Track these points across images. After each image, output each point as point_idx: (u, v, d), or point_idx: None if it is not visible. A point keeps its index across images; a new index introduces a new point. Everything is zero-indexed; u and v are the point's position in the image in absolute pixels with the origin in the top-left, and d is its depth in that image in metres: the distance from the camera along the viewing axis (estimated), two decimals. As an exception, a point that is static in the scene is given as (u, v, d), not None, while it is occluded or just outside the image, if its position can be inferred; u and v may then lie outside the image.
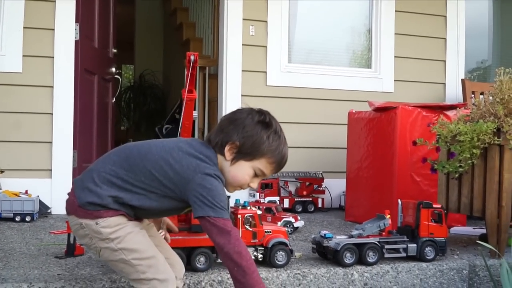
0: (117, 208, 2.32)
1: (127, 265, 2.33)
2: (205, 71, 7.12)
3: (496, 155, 3.34)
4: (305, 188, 5.44)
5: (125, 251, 2.31)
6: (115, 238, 2.31)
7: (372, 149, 4.72)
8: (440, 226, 3.27)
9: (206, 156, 2.36)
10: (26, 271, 2.80)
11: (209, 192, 2.26)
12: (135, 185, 2.32)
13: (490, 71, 7.03)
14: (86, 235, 2.35)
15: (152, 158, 2.35)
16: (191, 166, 2.30)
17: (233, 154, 2.40)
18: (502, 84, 3.43)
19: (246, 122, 2.40)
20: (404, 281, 3.16)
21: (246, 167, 2.42)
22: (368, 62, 6.22)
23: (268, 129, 2.41)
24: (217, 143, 2.41)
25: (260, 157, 2.40)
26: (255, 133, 2.39)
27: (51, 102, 5.05)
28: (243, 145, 2.38)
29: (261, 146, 2.39)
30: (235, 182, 2.44)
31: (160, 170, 2.31)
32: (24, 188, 4.69)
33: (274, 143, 2.42)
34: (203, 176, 2.28)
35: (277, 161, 2.45)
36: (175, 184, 2.31)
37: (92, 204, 2.30)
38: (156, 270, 2.32)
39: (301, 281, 2.97)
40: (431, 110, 4.48)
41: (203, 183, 2.27)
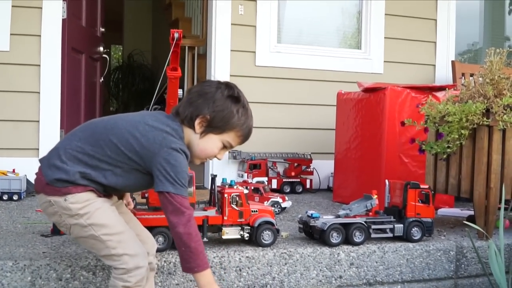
0: (86, 184, 2.33)
1: (97, 241, 2.33)
2: (194, 51, 7.09)
3: (485, 136, 3.33)
4: (293, 169, 5.43)
5: (95, 226, 2.32)
6: (84, 214, 2.32)
7: (361, 130, 4.71)
8: (427, 207, 3.27)
9: (173, 129, 2.39)
10: (12, 249, 2.79)
11: (173, 168, 2.29)
12: (101, 160, 2.34)
13: (481, 53, 7.02)
14: (56, 213, 2.36)
15: (118, 132, 2.36)
16: (157, 139, 2.33)
17: (203, 128, 2.44)
18: (492, 64, 3.42)
19: (216, 96, 2.44)
20: (390, 261, 3.17)
21: (215, 140, 2.47)
22: (358, 43, 6.19)
23: (237, 104, 2.48)
24: (186, 116, 2.43)
25: (229, 130, 2.47)
26: (226, 108, 2.44)
27: (38, 81, 5.02)
28: (214, 119, 2.43)
29: (231, 120, 2.45)
30: (203, 154, 2.50)
31: (126, 144, 2.34)
32: (12, 167, 4.66)
33: (243, 117, 2.49)
34: (169, 150, 2.32)
35: (244, 134, 2.52)
36: (141, 157, 2.34)
37: (59, 180, 2.31)
38: (126, 245, 2.33)
39: (287, 261, 2.96)
40: (420, 91, 4.47)
41: (168, 158, 2.30)
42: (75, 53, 5.57)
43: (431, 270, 3.25)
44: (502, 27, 7.29)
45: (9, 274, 2.53)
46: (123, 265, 2.30)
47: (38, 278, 2.57)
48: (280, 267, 2.95)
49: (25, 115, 5.00)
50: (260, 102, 5.61)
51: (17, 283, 2.54)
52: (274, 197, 4.14)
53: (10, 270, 2.54)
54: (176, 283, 2.77)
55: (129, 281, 2.30)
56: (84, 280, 2.62)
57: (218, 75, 5.50)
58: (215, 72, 5.51)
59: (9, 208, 4.04)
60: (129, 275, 2.30)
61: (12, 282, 2.54)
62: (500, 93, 3.33)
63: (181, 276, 2.74)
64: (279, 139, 5.71)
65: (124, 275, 2.30)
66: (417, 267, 3.23)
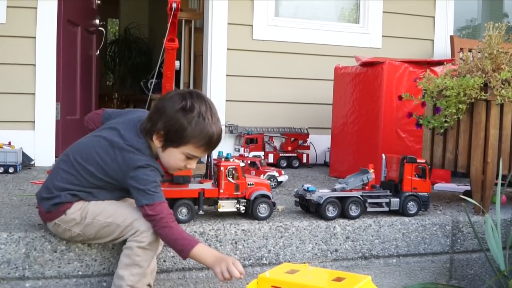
0: (77, 199, 2.50)
1: (107, 227, 2.48)
2: (191, 25, 7.04)
3: (483, 111, 3.31)
4: (290, 144, 5.43)
5: (98, 216, 2.48)
6: (85, 214, 2.49)
7: (358, 105, 4.69)
8: (423, 181, 3.26)
9: (137, 149, 2.47)
10: (7, 220, 2.79)
11: (142, 182, 2.40)
12: (86, 186, 2.50)
13: (479, 30, 6.98)
14: (65, 230, 2.52)
15: (92, 160, 2.48)
16: (125, 162, 2.44)
17: (162, 142, 2.48)
18: (491, 39, 3.39)
19: (168, 110, 2.45)
20: (386, 235, 3.17)
21: (175, 153, 2.49)
22: (356, 17, 6.15)
23: (189, 115, 2.43)
24: (147, 132, 2.49)
25: (185, 143, 2.46)
26: (176, 122, 2.43)
27: (34, 53, 4.97)
28: (168, 134, 2.45)
29: (184, 133, 2.44)
30: (170, 166, 2.57)
31: (102, 171, 2.47)
32: (7, 139, 4.65)
33: (197, 127, 2.43)
34: (135, 170, 2.41)
35: (204, 144, 2.49)
36: (117, 180, 2.48)
37: (55, 205, 2.48)
38: (130, 214, 2.48)
39: (283, 234, 2.96)
40: (418, 66, 4.45)
41: (136, 176, 2.41)
42: (71, 26, 5.53)
43: (426, 244, 3.26)
44: (501, 3, 7.25)
45: (3, 246, 2.53)
46: (135, 229, 2.43)
47: (33, 250, 2.56)
48: (276, 240, 2.95)
49: (21, 87, 4.96)
50: (257, 76, 5.61)
51: (11, 255, 2.54)
52: (271, 171, 4.13)
53: (4, 242, 2.53)
54: (172, 255, 2.77)
55: (143, 241, 2.41)
56: (79, 251, 2.62)
57: (215, 49, 5.48)
58: (212, 46, 5.48)
59: (4, 181, 4.03)
60: (143, 236, 2.42)
61: (6, 254, 2.53)
62: (498, 68, 3.31)
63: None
64: (276, 114, 5.69)
65: (138, 236, 2.42)
66: (413, 241, 3.23)
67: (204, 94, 2.59)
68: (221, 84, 5.50)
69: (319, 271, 2.47)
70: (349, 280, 2.19)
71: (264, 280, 2.20)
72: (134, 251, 2.41)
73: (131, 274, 2.41)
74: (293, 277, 2.20)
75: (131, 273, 2.41)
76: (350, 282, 2.16)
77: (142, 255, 2.42)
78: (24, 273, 2.56)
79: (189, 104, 2.43)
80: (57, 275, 2.60)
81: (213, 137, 2.49)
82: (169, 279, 2.75)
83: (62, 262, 2.60)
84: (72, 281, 2.63)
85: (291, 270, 2.27)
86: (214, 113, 2.51)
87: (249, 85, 5.60)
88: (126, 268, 2.42)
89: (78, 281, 2.64)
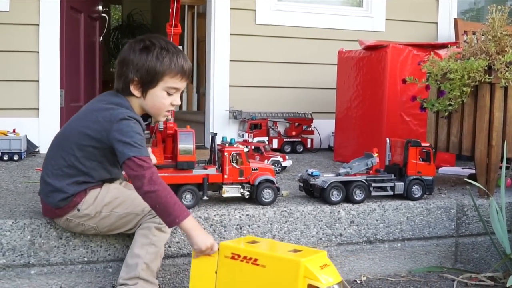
0: (83, 188, 2.49)
1: (125, 217, 2.51)
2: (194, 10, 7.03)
3: (487, 94, 3.30)
4: (294, 129, 5.42)
5: (116, 208, 2.50)
6: (101, 208, 2.50)
7: (362, 89, 4.68)
8: (428, 165, 3.25)
9: (117, 103, 2.50)
10: (12, 207, 2.80)
11: (126, 134, 2.38)
12: (77, 165, 2.47)
13: (483, 12, 6.94)
14: (78, 224, 2.54)
15: (75, 133, 2.49)
16: (106, 118, 2.43)
17: (140, 89, 2.50)
18: (495, 21, 3.37)
19: (131, 56, 2.49)
20: (390, 219, 3.17)
21: (157, 93, 2.51)
22: (359, 1, 6.12)
23: (152, 51, 2.48)
24: (122, 89, 2.52)
25: (161, 78, 2.49)
26: (144, 61, 2.47)
27: (37, 40, 4.98)
28: (142, 77, 2.48)
29: (156, 69, 2.47)
30: (158, 110, 2.56)
31: (85, 137, 2.46)
32: (12, 127, 4.67)
33: (166, 59, 2.49)
34: (118, 122, 2.40)
35: (179, 72, 2.52)
36: (101, 140, 2.44)
37: (62, 200, 2.47)
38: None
39: (288, 218, 2.96)
40: (422, 49, 4.43)
41: (119, 128, 2.39)
42: (74, 12, 5.53)
43: (431, 228, 3.26)
44: (505, -15, 7.21)
45: (9, 233, 2.53)
46: (154, 213, 2.43)
47: (38, 236, 2.57)
48: (281, 225, 2.95)
49: (24, 74, 4.97)
50: (260, 61, 5.59)
51: (16, 242, 2.55)
52: (275, 156, 4.13)
53: (9, 229, 2.54)
54: (177, 241, 2.77)
55: (162, 223, 2.42)
56: (85, 238, 2.63)
57: (218, 34, 5.46)
58: (215, 31, 5.46)
59: (9, 168, 4.04)
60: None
61: (11, 241, 2.54)
62: (502, 50, 3.29)
63: (182, 234, 2.74)
64: (279, 99, 5.68)
65: (157, 218, 2.43)
66: (418, 225, 3.23)
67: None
68: (224, 70, 5.48)
69: (279, 244, 2.59)
70: (305, 252, 2.32)
71: (225, 247, 2.38)
72: (152, 231, 2.45)
73: (147, 253, 2.44)
74: (252, 246, 2.38)
75: (147, 252, 2.44)
76: (305, 253, 2.29)
77: (158, 236, 2.46)
78: (29, 260, 2.57)
79: (148, 43, 2.50)
80: (63, 262, 2.61)
81: (184, 64, 2.54)
82: (174, 264, 2.76)
83: (67, 249, 2.61)
84: (77, 267, 2.64)
85: (253, 241, 2.45)
86: (174, 45, 2.57)
87: (253, 70, 5.59)
88: (142, 247, 2.45)
89: (84, 267, 2.65)
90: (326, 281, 2.19)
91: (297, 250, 2.32)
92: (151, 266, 2.46)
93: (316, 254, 2.30)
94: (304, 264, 2.19)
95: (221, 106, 5.46)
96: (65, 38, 5.17)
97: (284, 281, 2.23)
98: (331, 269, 2.28)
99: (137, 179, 2.33)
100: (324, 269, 2.24)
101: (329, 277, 2.23)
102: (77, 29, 5.70)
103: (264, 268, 2.28)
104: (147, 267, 2.44)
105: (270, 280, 2.27)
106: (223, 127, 5.38)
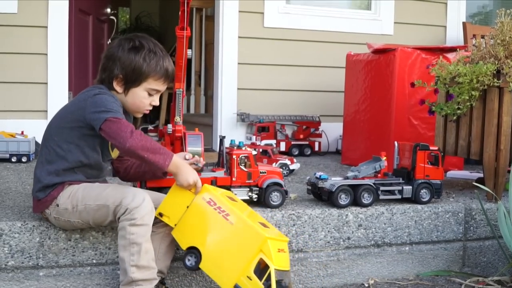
0: (60, 180, 2.51)
1: (99, 210, 2.48)
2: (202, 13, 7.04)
3: (495, 98, 3.30)
4: (302, 132, 5.42)
5: (88, 201, 2.49)
6: (76, 202, 2.49)
7: (370, 92, 4.68)
8: (436, 169, 3.25)
9: (94, 86, 2.62)
10: (21, 209, 2.81)
11: (101, 103, 2.44)
12: (55, 148, 2.51)
13: (492, 16, 6.92)
14: (65, 222, 2.56)
15: (54, 121, 2.60)
16: (81, 97, 2.54)
17: (123, 86, 2.58)
18: (503, 25, 3.37)
19: (120, 54, 2.58)
20: (398, 222, 3.17)
21: (139, 92, 2.61)
22: (368, 4, 6.11)
23: (140, 52, 2.57)
24: (104, 81, 2.60)
25: (145, 79, 2.58)
26: (131, 61, 2.56)
27: (46, 42, 4.98)
28: (126, 75, 2.57)
29: (141, 69, 2.56)
30: (137, 108, 2.66)
31: (63, 120, 2.55)
32: (20, 129, 4.67)
33: (152, 61, 2.58)
34: (93, 97, 2.48)
35: (163, 75, 2.62)
36: (78, 119, 2.49)
37: (40, 190, 2.52)
38: (118, 193, 2.45)
39: (296, 222, 2.97)
40: (430, 52, 4.43)
41: (94, 101, 2.46)
42: (82, 15, 5.54)
43: (439, 232, 3.26)
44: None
45: (17, 235, 2.55)
46: (124, 207, 2.40)
47: (47, 238, 2.58)
48: (289, 228, 2.96)
49: (33, 77, 4.98)
50: (268, 64, 5.59)
51: (25, 244, 2.56)
52: (283, 159, 4.13)
53: (18, 231, 2.55)
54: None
55: (134, 217, 2.38)
56: (94, 240, 2.64)
57: (226, 37, 5.46)
58: (223, 34, 5.46)
59: (18, 170, 4.06)
60: (133, 213, 2.38)
61: (20, 243, 2.55)
62: (511, 54, 3.29)
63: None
64: (287, 102, 5.67)
65: (128, 214, 2.39)
66: (426, 229, 3.23)
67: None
68: (232, 72, 5.49)
69: (252, 212, 2.61)
70: (271, 230, 2.47)
71: (206, 191, 2.51)
72: (128, 230, 2.38)
73: (131, 254, 2.38)
74: (229, 202, 2.49)
75: (130, 253, 2.38)
76: (271, 232, 2.43)
77: (136, 232, 2.38)
78: (38, 262, 2.58)
79: (137, 43, 2.58)
80: (71, 264, 2.62)
81: (168, 68, 2.63)
82: (183, 267, 2.75)
83: (76, 251, 2.62)
84: (86, 269, 2.65)
85: (231, 198, 2.58)
86: (161, 48, 2.65)
87: (261, 73, 5.59)
88: (124, 249, 2.39)
89: (92, 269, 2.66)
90: (277, 263, 2.33)
91: (266, 226, 2.45)
92: (140, 264, 2.39)
93: (280, 237, 2.46)
94: (267, 240, 2.32)
95: (229, 109, 5.46)
96: (73, 40, 5.18)
97: (241, 245, 2.38)
98: (285, 257, 2.42)
99: (117, 137, 2.36)
100: (280, 253, 2.37)
101: (281, 261, 2.37)
102: (86, 32, 5.72)
103: (231, 225, 2.41)
104: (137, 268, 2.39)
105: (229, 237, 2.41)
106: (231, 130, 5.38)
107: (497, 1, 7.08)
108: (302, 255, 3.01)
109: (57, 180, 2.50)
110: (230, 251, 2.40)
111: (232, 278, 2.38)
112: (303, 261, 3.01)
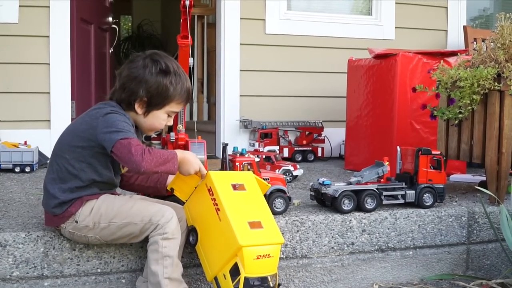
0: (76, 196, 2.49)
1: (125, 227, 2.50)
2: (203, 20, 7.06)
3: (496, 101, 3.30)
4: (304, 138, 5.43)
5: (114, 219, 2.50)
6: (99, 219, 2.50)
7: (372, 97, 4.68)
8: (438, 173, 3.26)
9: (105, 103, 2.56)
10: (25, 220, 2.81)
11: (112, 123, 2.41)
12: (67, 166, 2.49)
13: (492, 19, 6.92)
14: (81, 237, 2.55)
15: (67, 137, 2.56)
16: (93, 116, 2.49)
17: (144, 108, 2.55)
18: (503, 29, 3.38)
19: (147, 76, 2.53)
20: (402, 227, 3.17)
21: (160, 114, 2.60)
22: (369, 9, 6.13)
23: (168, 76, 2.55)
24: (123, 100, 2.54)
25: (169, 102, 2.57)
26: (159, 84, 2.53)
27: (48, 52, 5.00)
28: (151, 98, 2.54)
29: (168, 93, 2.55)
30: (154, 129, 2.66)
31: (75, 138, 2.50)
32: (23, 139, 4.68)
33: (178, 85, 2.57)
34: (103, 117, 2.44)
35: (184, 99, 2.63)
36: (90, 139, 2.46)
37: (56, 207, 2.49)
38: (147, 211, 2.48)
39: (299, 228, 2.97)
40: (431, 57, 4.44)
41: (105, 121, 2.43)
42: (84, 24, 5.56)
43: (443, 236, 3.26)
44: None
45: (22, 245, 2.55)
46: (155, 224, 2.45)
47: (51, 248, 2.59)
48: (292, 234, 2.96)
49: (35, 86, 4.99)
50: (270, 70, 5.61)
51: (30, 254, 2.56)
52: (286, 165, 4.13)
53: (22, 242, 2.55)
54: (189, 251, 2.78)
55: (166, 232, 2.45)
56: (98, 249, 2.65)
57: (228, 44, 5.48)
58: (225, 41, 5.48)
59: (21, 180, 4.06)
60: (164, 228, 2.44)
61: (24, 253, 2.56)
62: (511, 58, 3.29)
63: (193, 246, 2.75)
64: (290, 108, 5.68)
65: (160, 229, 2.44)
66: (429, 233, 3.23)
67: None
68: (234, 79, 5.50)
69: (256, 204, 2.57)
70: (263, 234, 2.42)
71: (209, 180, 2.49)
72: (160, 244, 2.44)
73: (164, 267, 2.44)
74: (230, 193, 2.48)
75: (163, 266, 2.44)
76: (258, 237, 2.39)
77: (168, 245, 2.45)
78: (42, 272, 2.58)
79: (164, 66, 2.55)
80: (76, 273, 2.63)
81: (190, 91, 2.64)
82: (187, 274, 2.76)
83: (81, 260, 2.63)
84: (91, 279, 2.65)
85: (236, 185, 2.54)
86: (180, 67, 2.64)
87: (263, 80, 5.60)
88: (157, 263, 2.44)
89: (97, 278, 2.67)
90: (252, 271, 2.33)
91: (259, 227, 2.42)
92: (173, 277, 2.46)
93: (269, 241, 2.41)
94: (241, 248, 2.30)
95: (232, 115, 5.48)
96: (75, 49, 5.20)
97: (223, 244, 2.38)
98: (267, 262, 2.38)
99: (130, 162, 2.35)
100: (259, 260, 2.35)
101: (260, 268, 2.36)
102: (88, 41, 5.74)
103: (219, 221, 2.41)
104: (170, 280, 2.45)
105: (216, 232, 2.43)
106: (233, 137, 5.40)
107: (498, 2, 7.08)
108: (306, 261, 3.01)
109: (73, 196, 2.49)
110: (216, 245, 2.44)
111: (214, 270, 2.45)
112: (308, 267, 3.01)
